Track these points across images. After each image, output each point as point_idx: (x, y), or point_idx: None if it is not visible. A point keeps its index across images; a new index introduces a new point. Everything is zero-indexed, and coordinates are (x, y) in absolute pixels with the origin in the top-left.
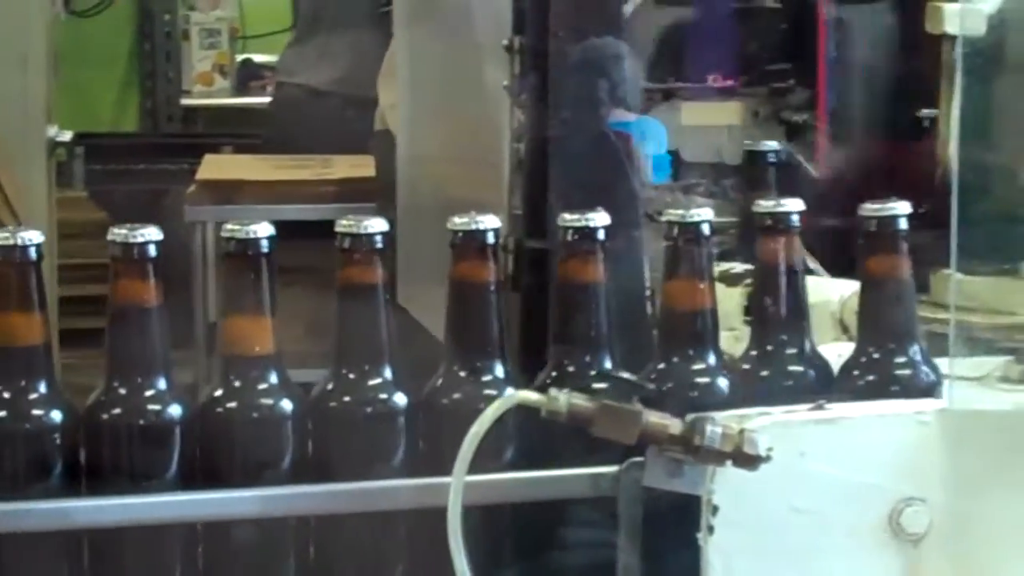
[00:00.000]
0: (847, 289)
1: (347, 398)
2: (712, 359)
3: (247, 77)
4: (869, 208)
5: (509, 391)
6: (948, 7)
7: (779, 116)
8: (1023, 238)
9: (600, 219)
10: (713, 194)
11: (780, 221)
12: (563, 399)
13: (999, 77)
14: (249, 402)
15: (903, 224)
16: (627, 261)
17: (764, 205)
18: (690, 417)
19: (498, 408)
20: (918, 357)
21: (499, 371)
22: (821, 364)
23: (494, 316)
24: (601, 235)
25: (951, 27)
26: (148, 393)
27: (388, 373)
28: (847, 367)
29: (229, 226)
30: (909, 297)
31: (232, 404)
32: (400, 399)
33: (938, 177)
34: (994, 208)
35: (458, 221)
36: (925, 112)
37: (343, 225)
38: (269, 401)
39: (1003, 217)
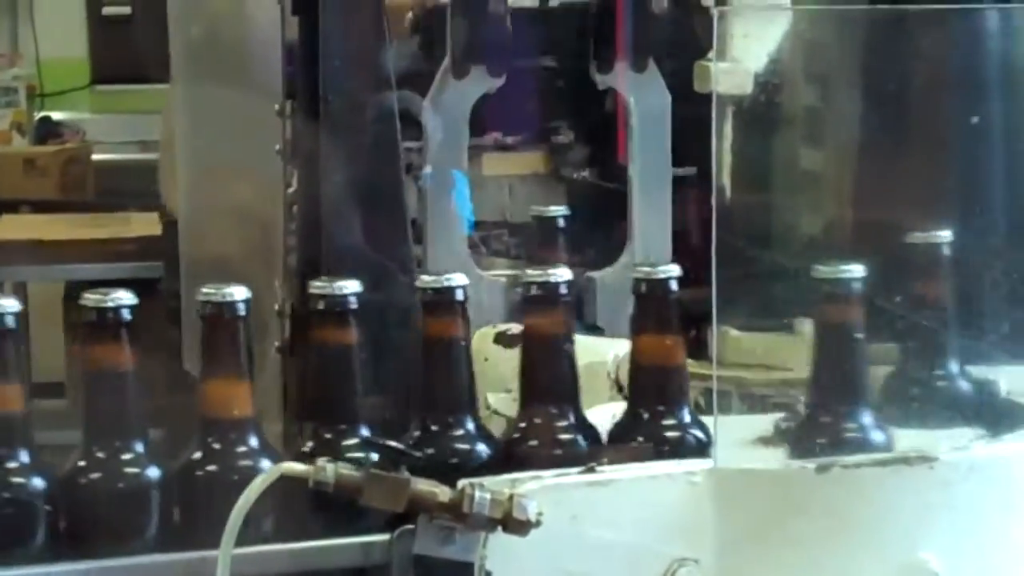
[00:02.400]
0: (621, 349)
1: (95, 474)
2: (479, 424)
3: (46, 135)
4: (641, 270)
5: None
6: (715, 66)
7: (559, 174)
8: (795, 294)
9: (351, 286)
10: (498, 252)
11: (547, 290)
12: (330, 469)
13: (767, 134)
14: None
15: (673, 286)
16: (399, 325)
17: (531, 275)
18: (459, 484)
19: (264, 480)
20: (688, 417)
21: (253, 442)
22: (590, 428)
23: (247, 386)
24: (353, 301)
25: (718, 86)
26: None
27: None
28: (619, 428)
29: (205, 289)
30: (679, 356)
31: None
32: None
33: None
34: (764, 265)
35: (205, 292)
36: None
37: (87, 299)
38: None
39: (774, 273)
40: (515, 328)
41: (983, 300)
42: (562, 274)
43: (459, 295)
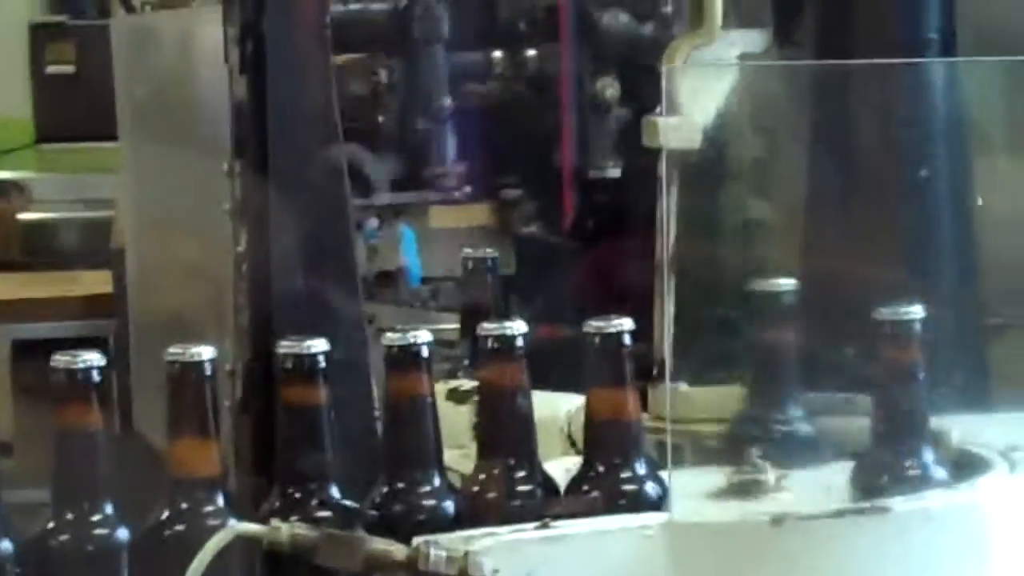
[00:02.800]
0: (574, 403)
1: (64, 536)
2: (436, 481)
3: None
4: (593, 325)
5: (231, 523)
6: (663, 121)
7: (509, 229)
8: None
9: (319, 345)
10: (447, 308)
11: (503, 343)
12: (285, 529)
13: (715, 187)
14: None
15: (627, 339)
16: (353, 383)
17: (487, 328)
18: (414, 542)
19: (218, 542)
20: (643, 470)
21: (220, 501)
22: (547, 482)
23: (214, 445)
24: (321, 361)
25: (666, 141)
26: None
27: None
28: (574, 483)
29: (173, 349)
30: (634, 409)
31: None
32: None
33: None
34: (714, 317)
35: (172, 352)
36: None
37: (57, 360)
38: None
39: (725, 326)
40: (467, 384)
41: (935, 350)
42: (517, 327)
43: (423, 351)
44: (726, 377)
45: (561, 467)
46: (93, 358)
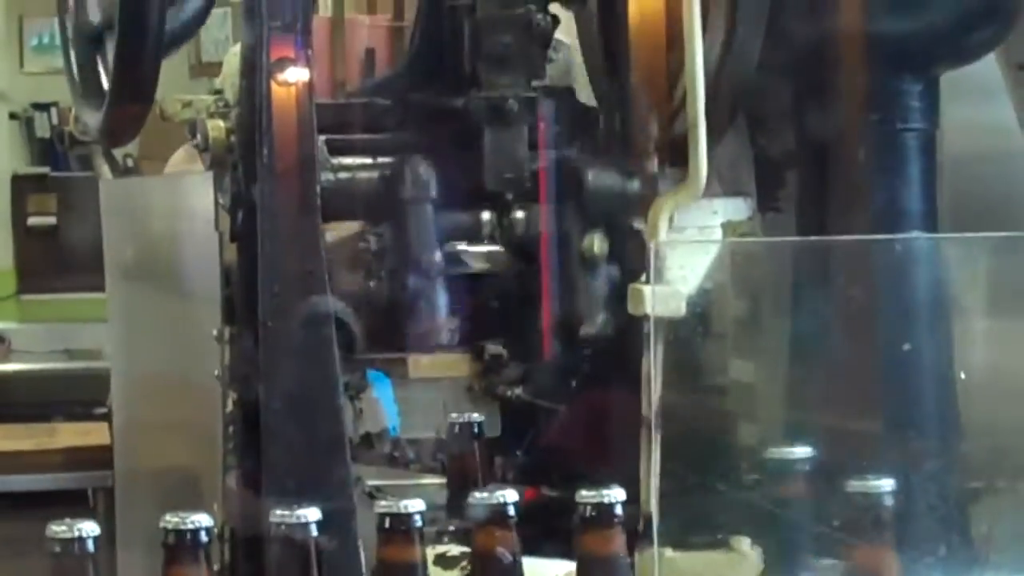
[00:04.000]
0: (563, 570)
1: None
2: None
3: None
4: (585, 495)
5: None
6: (647, 289)
7: (494, 391)
8: (730, 510)
9: (311, 514)
10: (432, 469)
11: (496, 512)
12: None
13: (698, 353)
14: None
15: (618, 510)
16: (341, 547)
17: (479, 497)
18: None
19: None
20: None
21: None
22: None
23: None
24: (313, 529)
25: (651, 308)
26: None
27: None
28: None
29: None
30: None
31: None
32: None
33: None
34: (700, 481)
35: (171, 520)
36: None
37: (52, 531)
38: None
39: (709, 490)
40: (455, 550)
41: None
42: (510, 495)
43: (416, 520)
44: (712, 542)
45: None
46: (88, 528)
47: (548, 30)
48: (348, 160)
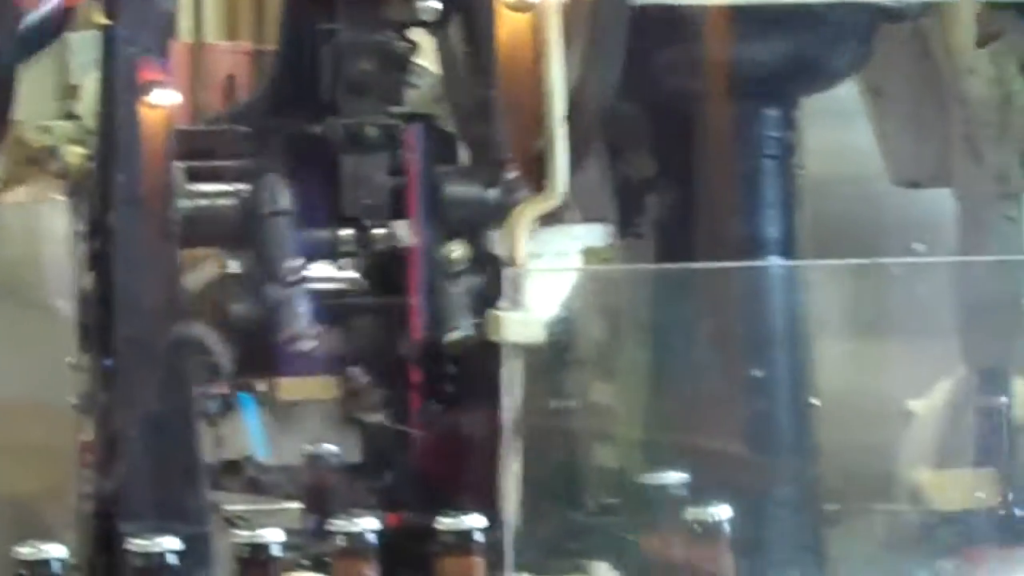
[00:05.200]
0: None
1: None
2: None
3: None
4: (444, 521)
5: None
6: (507, 316)
7: (357, 416)
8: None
9: (168, 542)
10: (294, 496)
11: (355, 541)
12: None
13: (558, 379)
14: None
15: (477, 536)
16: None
17: (338, 524)
18: None
19: None
20: None
21: None
22: None
23: None
24: (170, 557)
25: (511, 335)
26: None
27: None
28: None
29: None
30: None
31: None
32: None
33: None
34: (560, 506)
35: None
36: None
37: None
38: None
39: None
40: None
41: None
42: (368, 523)
43: (273, 550)
44: (572, 567)
45: None
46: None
47: (406, 56)
48: (207, 187)
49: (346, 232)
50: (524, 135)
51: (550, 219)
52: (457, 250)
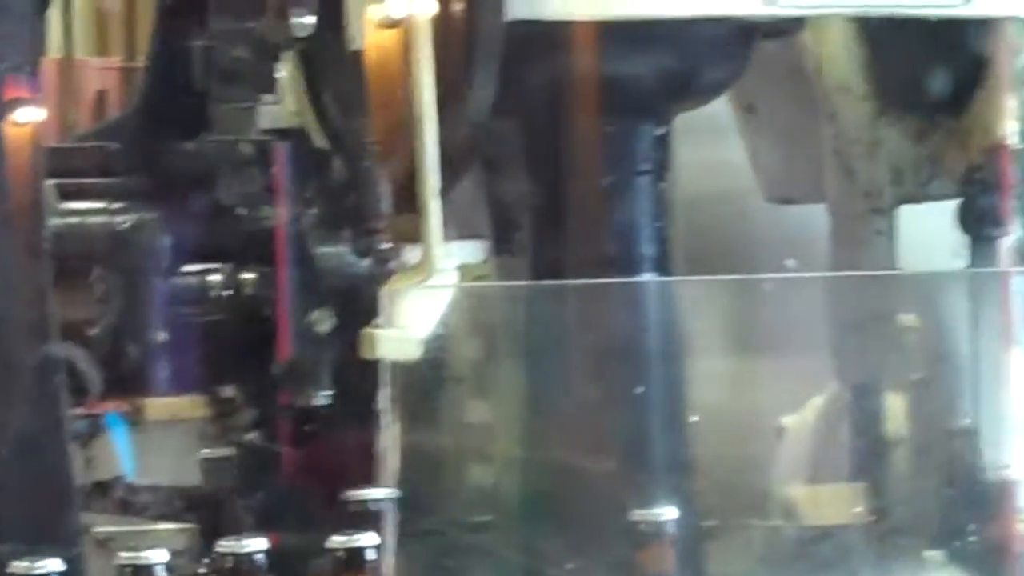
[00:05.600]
0: None
1: None
2: None
3: None
4: (337, 540)
5: None
6: (381, 333)
7: (228, 435)
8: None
9: (52, 565)
10: (165, 516)
11: (242, 562)
12: None
13: (434, 397)
14: None
15: (371, 555)
16: None
17: (225, 545)
18: None
19: None
20: None
21: None
22: None
23: None
24: None
25: (384, 353)
26: None
27: None
28: None
29: None
30: None
31: None
32: None
33: None
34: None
35: None
36: None
37: None
38: None
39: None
40: None
41: None
42: (257, 544)
43: (159, 572)
44: None
45: None
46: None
47: (279, 45)
48: (78, 204)
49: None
50: (394, 156)
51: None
52: (324, 320)
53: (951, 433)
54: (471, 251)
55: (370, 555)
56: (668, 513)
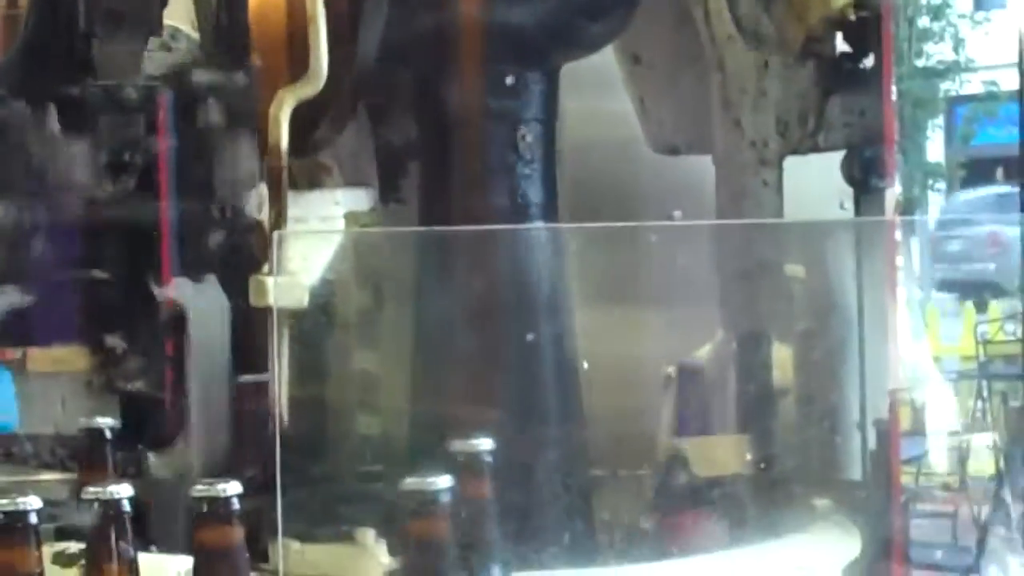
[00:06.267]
0: (183, 566)
1: None
2: None
3: None
4: (199, 488)
5: None
6: (270, 281)
7: (113, 385)
8: (356, 502)
9: None
10: (49, 465)
11: (108, 507)
12: None
13: (323, 344)
14: None
15: (234, 504)
16: None
17: (91, 491)
18: None
19: None
20: None
21: None
22: None
23: None
24: None
25: (273, 299)
26: None
27: None
28: None
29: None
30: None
31: None
32: None
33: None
34: (327, 473)
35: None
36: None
37: None
38: None
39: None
40: (74, 547)
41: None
42: (122, 490)
43: (32, 519)
44: (339, 534)
45: None
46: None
47: None
48: None
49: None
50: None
51: (313, 184)
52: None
53: (837, 381)
54: (358, 199)
55: (234, 504)
56: (484, 444)
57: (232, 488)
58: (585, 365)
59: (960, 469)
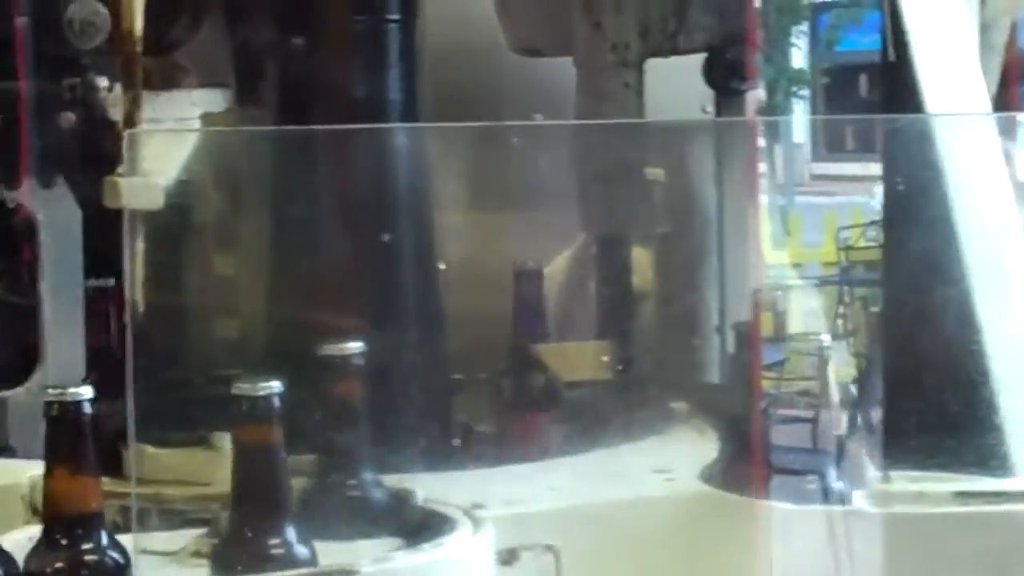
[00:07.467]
0: (36, 471)
1: None
2: None
3: None
4: (52, 392)
5: None
6: (125, 182)
7: None
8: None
9: None
10: None
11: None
12: None
13: (179, 246)
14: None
15: (86, 408)
16: None
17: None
18: None
19: None
20: (105, 539)
21: None
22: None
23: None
24: None
25: (128, 201)
26: None
27: None
28: (35, 553)
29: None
30: (93, 478)
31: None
32: None
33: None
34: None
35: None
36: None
37: None
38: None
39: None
40: None
41: (398, 411)
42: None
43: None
44: (192, 439)
45: (24, 536)
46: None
47: None
48: None
49: None
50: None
51: (168, 84)
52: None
53: (697, 285)
54: (214, 99)
55: (86, 408)
56: (355, 347)
57: (83, 392)
58: (442, 266)
59: (821, 375)
